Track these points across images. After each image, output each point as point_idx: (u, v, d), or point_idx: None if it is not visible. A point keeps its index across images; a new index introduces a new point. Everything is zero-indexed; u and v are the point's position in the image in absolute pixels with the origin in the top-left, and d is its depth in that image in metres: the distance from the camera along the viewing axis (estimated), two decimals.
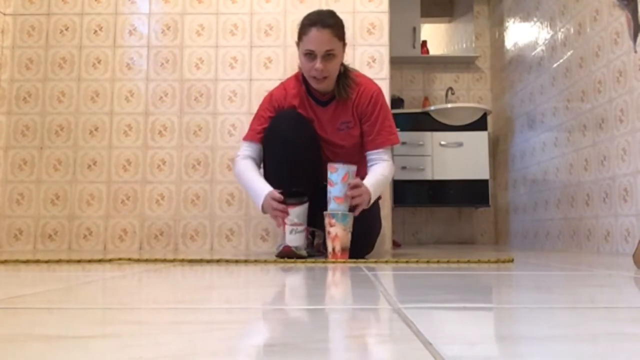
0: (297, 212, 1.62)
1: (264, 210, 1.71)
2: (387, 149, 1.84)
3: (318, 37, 1.70)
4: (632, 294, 0.79)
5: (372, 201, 1.67)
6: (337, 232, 1.55)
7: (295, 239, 1.61)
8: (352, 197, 1.59)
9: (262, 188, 1.71)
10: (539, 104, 3.03)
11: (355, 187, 1.59)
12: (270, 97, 1.87)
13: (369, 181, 1.68)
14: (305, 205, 1.65)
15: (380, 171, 1.75)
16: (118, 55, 2.53)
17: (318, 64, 1.71)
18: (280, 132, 1.75)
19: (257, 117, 1.87)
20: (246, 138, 1.87)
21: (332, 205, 1.57)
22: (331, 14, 1.77)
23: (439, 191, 3.53)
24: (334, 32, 1.72)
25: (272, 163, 1.77)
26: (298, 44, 1.78)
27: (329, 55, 1.72)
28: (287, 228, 1.62)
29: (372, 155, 1.82)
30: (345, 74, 1.82)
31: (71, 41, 2.54)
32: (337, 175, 1.56)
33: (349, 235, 1.57)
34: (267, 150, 1.80)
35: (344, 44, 1.79)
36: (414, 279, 1.03)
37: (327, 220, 1.58)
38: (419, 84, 4.11)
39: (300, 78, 1.87)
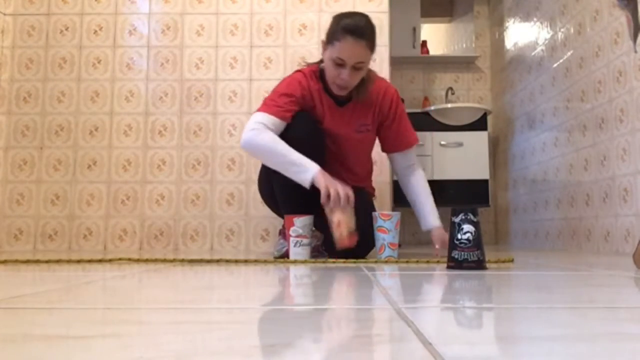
0: (303, 223, 1.59)
1: (315, 183, 1.54)
2: (413, 149, 1.84)
3: (352, 48, 1.60)
4: (632, 294, 0.79)
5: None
6: (339, 217, 1.52)
7: (299, 252, 1.58)
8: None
9: (311, 162, 1.57)
10: (539, 104, 3.03)
11: (443, 243, 1.69)
12: (298, 82, 1.73)
13: (432, 211, 1.81)
14: (311, 217, 1.62)
15: (427, 189, 1.83)
16: (118, 55, 2.53)
17: (346, 75, 1.63)
18: (297, 136, 1.66)
19: (284, 94, 1.69)
20: (269, 111, 1.65)
21: (387, 252, 1.55)
22: (367, 22, 1.64)
23: (439, 191, 3.52)
24: (368, 45, 1.62)
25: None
26: (326, 44, 1.66)
27: (357, 67, 1.63)
28: (292, 240, 1.58)
29: (400, 157, 1.84)
30: (366, 75, 1.74)
31: (71, 41, 2.54)
32: (391, 223, 1.55)
33: (353, 216, 1.55)
34: None
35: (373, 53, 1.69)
36: (414, 279, 1.03)
37: (327, 210, 1.55)
38: (419, 84, 4.10)
39: (318, 75, 1.77)
